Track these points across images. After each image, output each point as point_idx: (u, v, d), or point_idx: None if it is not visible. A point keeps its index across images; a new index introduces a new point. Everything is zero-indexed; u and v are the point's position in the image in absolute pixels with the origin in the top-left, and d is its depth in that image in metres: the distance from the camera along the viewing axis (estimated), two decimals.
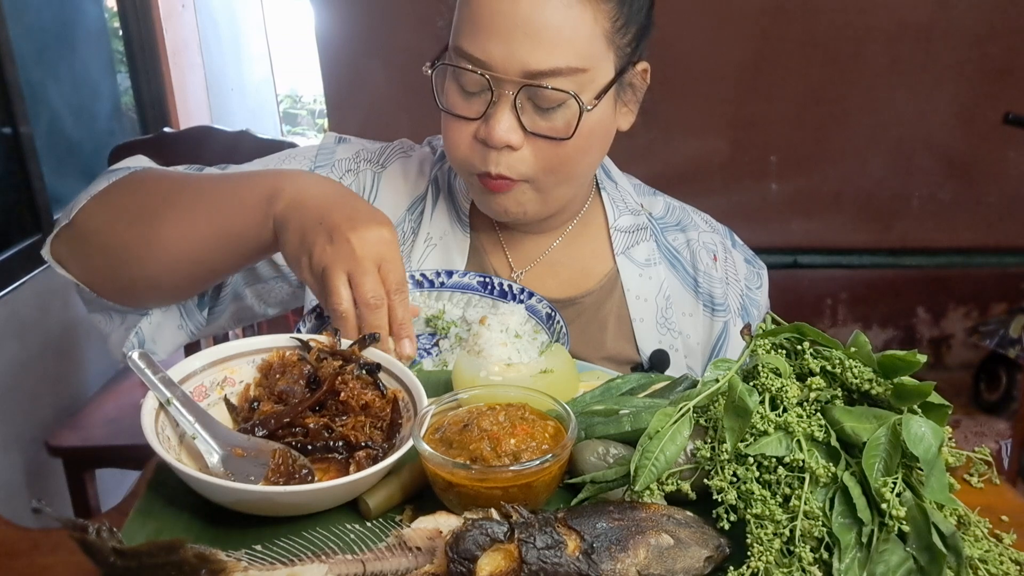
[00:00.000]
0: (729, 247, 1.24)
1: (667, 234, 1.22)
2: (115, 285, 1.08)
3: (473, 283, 1.08)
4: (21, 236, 2.51)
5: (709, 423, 0.70)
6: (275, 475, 0.72)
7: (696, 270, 1.20)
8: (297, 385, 0.81)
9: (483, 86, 1.00)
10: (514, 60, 0.97)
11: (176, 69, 3.46)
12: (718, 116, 2.91)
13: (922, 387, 0.66)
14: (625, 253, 1.18)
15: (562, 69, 0.97)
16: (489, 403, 0.75)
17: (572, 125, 1.00)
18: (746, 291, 1.22)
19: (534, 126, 1.01)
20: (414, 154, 1.24)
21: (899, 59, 2.82)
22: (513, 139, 1.00)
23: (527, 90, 0.99)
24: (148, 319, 1.11)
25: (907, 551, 0.62)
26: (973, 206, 3.05)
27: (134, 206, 1.05)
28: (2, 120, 2.45)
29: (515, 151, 1.02)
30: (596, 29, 0.99)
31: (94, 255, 1.07)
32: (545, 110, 1.00)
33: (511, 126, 1.00)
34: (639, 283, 1.17)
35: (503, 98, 0.99)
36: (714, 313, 1.19)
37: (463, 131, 1.03)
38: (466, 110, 1.02)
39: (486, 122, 1.01)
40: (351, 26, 2.64)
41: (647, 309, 1.17)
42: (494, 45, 0.97)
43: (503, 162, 1.02)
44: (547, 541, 0.59)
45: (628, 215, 1.21)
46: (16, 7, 2.58)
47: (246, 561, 0.61)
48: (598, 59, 1.01)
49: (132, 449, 2.10)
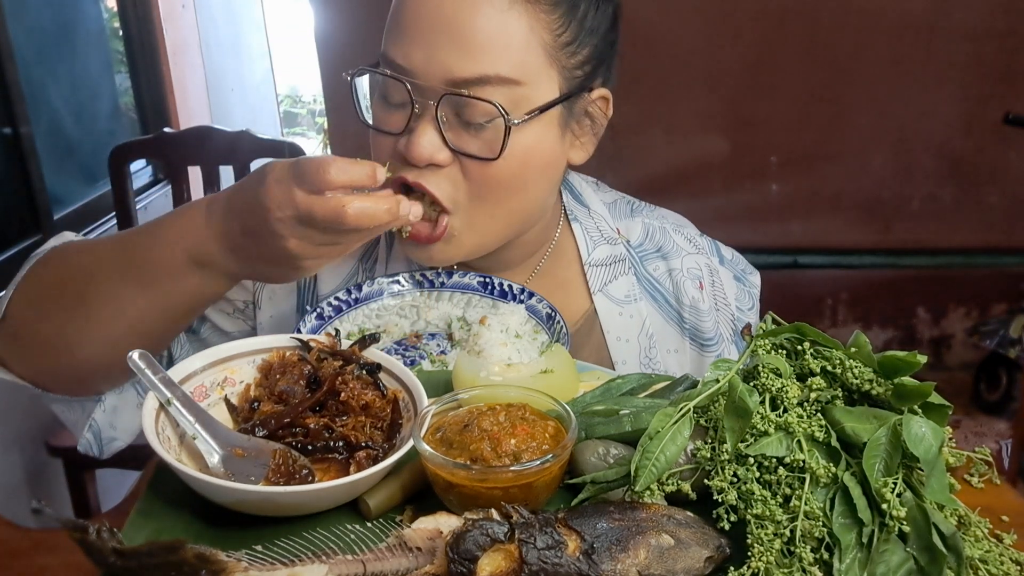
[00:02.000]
0: (716, 267, 1.15)
1: (647, 264, 1.13)
2: (59, 376, 0.99)
3: (473, 283, 1.08)
4: (21, 236, 2.51)
5: (709, 423, 0.70)
6: (275, 475, 0.72)
7: (680, 304, 1.11)
8: (297, 385, 0.81)
9: (405, 97, 0.91)
10: (436, 66, 0.89)
11: (176, 69, 3.47)
12: (718, 116, 2.91)
13: (922, 387, 0.66)
14: (603, 291, 1.10)
15: (490, 77, 0.89)
16: (489, 403, 0.75)
17: (500, 144, 0.91)
18: (737, 314, 1.15)
19: (459, 143, 0.91)
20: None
21: (900, 59, 2.82)
22: (437, 156, 0.91)
23: (451, 102, 0.90)
24: (101, 407, 1.03)
25: (907, 551, 0.62)
26: (973, 206, 3.05)
27: (58, 288, 0.96)
28: (2, 120, 2.45)
29: (441, 169, 0.92)
30: (532, 39, 0.91)
31: (31, 348, 0.98)
32: (472, 126, 0.91)
33: (433, 141, 0.90)
34: (619, 323, 1.09)
35: (426, 110, 0.91)
36: (703, 348, 1.11)
37: (387, 146, 0.95)
38: (388, 124, 0.94)
39: (408, 136, 0.92)
40: (351, 26, 2.64)
41: (629, 350, 1.09)
42: (416, 50, 0.90)
43: (427, 179, 0.92)
44: (547, 541, 0.59)
45: (604, 245, 1.12)
46: (16, 7, 2.58)
47: (246, 561, 0.61)
48: (535, 74, 0.92)
49: (132, 449, 2.10)
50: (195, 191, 2.41)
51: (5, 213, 2.49)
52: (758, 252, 2.97)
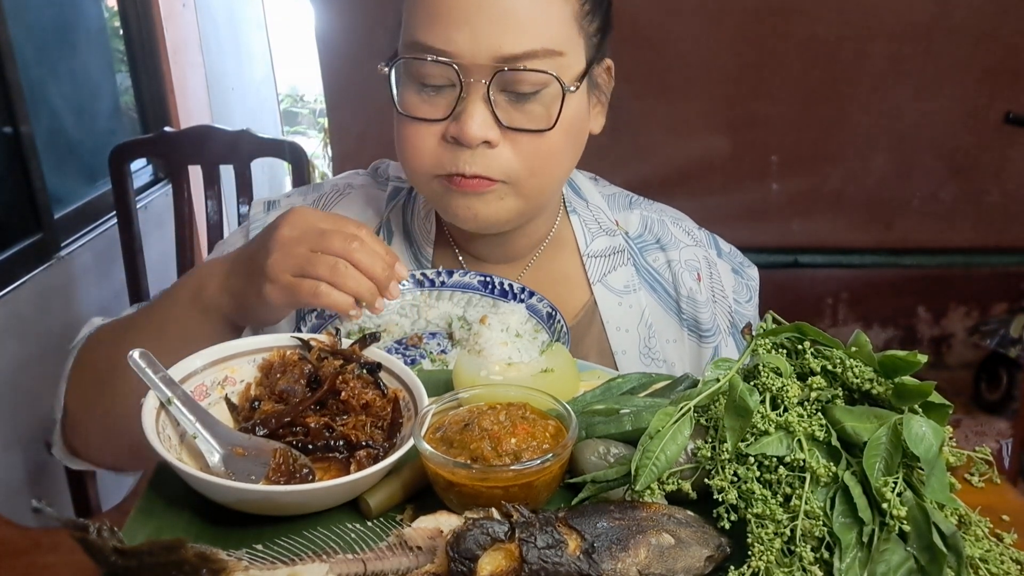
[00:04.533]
0: (714, 259, 1.16)
1: (646, 254, 1.14)
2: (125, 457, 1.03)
3: (474, 282, 1.08)
4: (22, 236, 2.50)
5: (710, 423, 0.70)
6: (276, 474, 0.72)
7: (679, 294, 1.12)
8: (298, 384, 0.81)
9: (449, 80, 0.92)
10: (484, 46, 0.89)
11: (176, 68, 3.46)
12: (718, 116, 2.91)
13: (923, 387, 0.66)
14: (602, 281, 1.10)
15: (537, 52, 0.91)
16: (490, 402, 0.75)
17: (552, 113, 0.93)
18: (735, 307, 1.15)
19: (510, 120, 0.93)
20: (355, 193, 1.14)
21: (900, 59, 2.82)
22: (490, 135, 0.92)
23: (500, 80, 0.91)
24: None
25: (908, 551, 0.62)
26: (974, 206, 3.05)
27: (99, 373, 1.00)
28: (2, 120, 2.44)
29: (492, 148, 0.93)
30: (566, 9, 0.93)
31: (93, 436, 1.02)
32: (521, 100, 0.93)
33: (486, 119, 0.91)
34: (619, 313, 1.10)
35: (474, 91, 0.91)
36: (701, 339, 1.12)
37: (427, 136, 0.94)
38: (429, 112, 0.94)
39: (456, 120, 0.92)
40: (351, 25, 2.63)
41: (629, 340, 1.09)
42: (459, 33, 0.90)
43: (479, 162, 0.93)
44: (548, 540, 0.59)
45: (603, 236, 1.13)
46: (16, 7, 2.58)
47: (247, 560, 0.61)
48: (572, 43, 0.94)
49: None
50: (195, 190, 2.41)
51: (5, 212, 2.48)
52: (759, 251, 2.97)
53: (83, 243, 2.76)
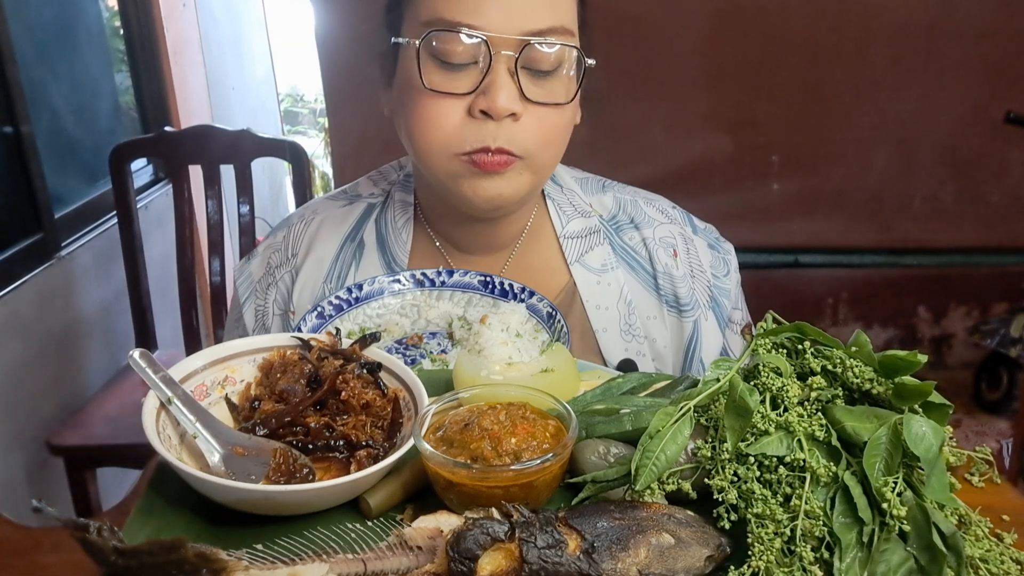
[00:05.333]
0: (690, 236, 1.18)
1: (622, 234, 1.16)
2: None
3: (474, 282, 1.08)
4: (22, 235, 2.51)
5: (710, 422, 0.70)
6: (276, 474, 0.72)
7: (655, 271, 1.14)
8: (298, 384, 0.81)
9: (472, 58, 0.95)
10: (514, 20, 0.94)
11: (177, 68, 3.46)
12: (719, 116, 2.91)
13: (923, 387, 0.66)
14: (579, 261, 1.13)
15: (557, 28, 0.96)
16: (490, 402, 0.75)
17: (570, 89, 0.98)
18: (713, 281, 1.16)
19: (532, 94, 0.97)
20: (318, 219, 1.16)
21: (901, 58, 2.82)
22: (516, 107, 0.95)
23: (524, 56, 0.95)
24: None
25: (908, 551, 0.62)
26: (974, 206, 3.05)
27: None
28: (3, 119, 2.45)
29: (515, 122, 0.97)
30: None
31: None
32: (541, 76, 0.97)
33: (513, 92, 0.95)
34: (598, 291, 1.12)
35: (501, 65, 0.95)
36: (681, 314, 1.13)
37: (450, 112, 0.97)
38: (453, 87, 0.96)
39: (485, 93, 0.95)
40: (351, 26, 2.63)
41: (609, 318, 1.11)
42: (490, 7, 0.94)
43: (503, 135, 0.96)
44: (548, 540, 0.59)
45: (578, 218, 1.15)
46: (16, 6, 2.58)
47: (247, 560, 0.61)
48: (576, 24, 1.00)
49: (133, 448, 2.10)
50: (196, 190, 2.41)
51: (6, 212, 2.48)
52: (759, 251, 2.97)
53: (83, 243, 2.76)
